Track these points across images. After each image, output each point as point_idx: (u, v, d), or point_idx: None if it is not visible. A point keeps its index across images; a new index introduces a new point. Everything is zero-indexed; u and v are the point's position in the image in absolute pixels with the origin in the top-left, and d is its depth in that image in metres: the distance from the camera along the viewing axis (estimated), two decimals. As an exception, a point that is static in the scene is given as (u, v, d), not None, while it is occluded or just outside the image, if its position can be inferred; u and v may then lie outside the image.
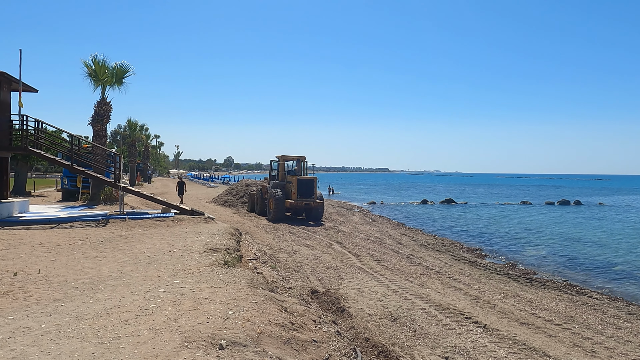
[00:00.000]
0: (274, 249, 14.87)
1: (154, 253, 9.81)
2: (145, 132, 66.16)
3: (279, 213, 23.43)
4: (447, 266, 14.53)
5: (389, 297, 9.79)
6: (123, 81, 23.53)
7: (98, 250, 10.20)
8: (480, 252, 18.97)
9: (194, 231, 13.04)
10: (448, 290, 10.97)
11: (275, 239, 17.26)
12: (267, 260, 12.60)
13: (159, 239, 11.76)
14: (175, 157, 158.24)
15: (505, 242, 22.60)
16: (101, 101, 22.77)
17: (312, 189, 23.89)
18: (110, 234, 12.49)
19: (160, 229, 13.47)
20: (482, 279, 12.92)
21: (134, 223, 14.07)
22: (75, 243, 10.99)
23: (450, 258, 16.55)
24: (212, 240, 11.70)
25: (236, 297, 6.05)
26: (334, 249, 16.11)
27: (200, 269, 8.06)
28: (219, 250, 10.53)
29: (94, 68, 22.29)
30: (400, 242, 19.55)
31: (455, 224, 30.08)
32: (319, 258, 13.91)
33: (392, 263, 14.07)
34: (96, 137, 22.60)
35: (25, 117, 15.23)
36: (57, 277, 7.53)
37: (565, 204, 49.13)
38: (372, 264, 13.78)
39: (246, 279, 7.44)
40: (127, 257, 9.41)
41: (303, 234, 19.35)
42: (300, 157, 25.68)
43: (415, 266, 13.88)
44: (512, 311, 9.35)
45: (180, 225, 14.11)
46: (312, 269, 12.27)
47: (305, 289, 9.96)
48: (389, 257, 15.09)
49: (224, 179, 78.71)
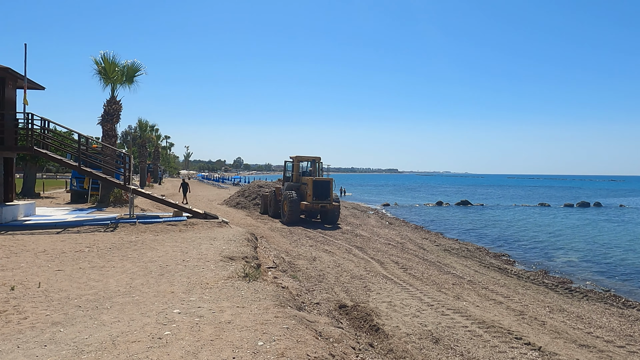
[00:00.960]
0: (292, 255, 13.98)
1: (166, 262, 8.96)
2: (156, 133, 65.73)
3: (293, 216, 22.56)
4: (478, 274, 13.54)
5: (425, 312, 8.84)
6: (134, 80, 22.83)
7: (106, 258, 9.37)
8: (507, 258, 17.94)
9: (208, 237, 12.18)
10: (487, 303, 9.99)
11: (292, 244, 16.37)
12: (286, 268, 11.71)
13: (171, 245, 10.91)
14: (185, 158, 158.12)
15: (530, 246, 21.53)
16: (111, 100, 22.06)
17: (328, 190, 22.97)
18: (119, 239, 11.67)
19: (172, 234, 12.63)
20: (519, 290, 11.92)
21: (144, 227, 13.25)
22: (82, 250, 10.18)
23: (479, 265, 15.55)
24: (229, 247, 10.83)
25: (264, 322, 5.16)
26: (355, 255, 15.18)
27: (219, 282, 7.17)
28: (237, 259, 9.65)
29: (104, 65, 21.60)
30: (422, 247, 18.57)
31: (474, 227, 29.00)
32: (341, 265, 12.98)
33: (419, 271, 13.11)
34: (106, 137, 21.88)
35: (31, 116, 14.48)
36: (59, 293, 6.69)
37: (585, 205, 47.72)
38: (398, 272, 12.83)
39: (271, 295, 6.55)
40: (137, 267, 8.56)
41: (320, 238, 18.44)
42: (316, 157, 24.78)
43: (444, 275, 12.90)
44: (564, 330, 8.36)
45: (193, 230, 13.26)
46: (336, 278, 11.35)
47: (331, 302, 9.05)
48: (415, 265, 14.13)
49: (234, 180, 78.06)
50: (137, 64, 22.60)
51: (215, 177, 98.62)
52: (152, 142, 64.31)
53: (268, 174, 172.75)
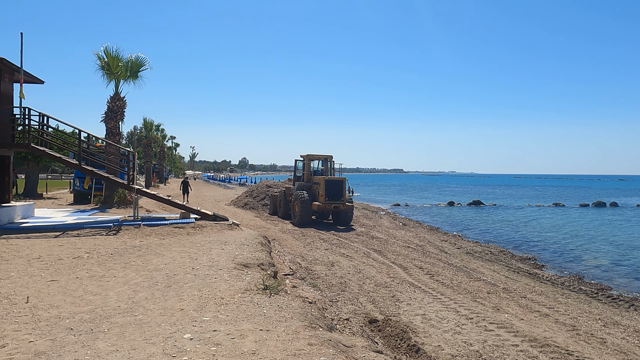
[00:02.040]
0: (309, 260, 12.97)
1: (173, 270, 7.98)
2: (162, 133, 64.95)
3: (305, 217, 21.54)
4: (510, 281, 12.48)
5: (465, 327, 7.80)
6: (138, 75, 21.89)
7: (106, 266, 8.39)
8: (535, 262, 16.85)
9: (218, 240, 11.20)
10: (531, 315, 8.94)
11: (307, 247, 15.37)
12: (304, 275, 10.70)
13: (178, 250, 9.93)
14: (190, 158, 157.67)
15: (554, 248, 20.42)
16: (114, 96, 21.14)
17: (341, 190, 21.95)
18: (122, 244, 10.70)
19: (179, 238, 11.65)
20: (560, 298, 10.85)
21: (149, 230, 12.28)
22: (80, 257, 9.21)
23: (507, 270, 14.49)
24: (242, 252, 9.85)
25: (296, 352, 4.16)
26: (375, 259, 14.16)
27: (235, 296, 6.18)
28: (252, 266, 8.66)
29: (107, 60, 20.68)
30: (443, 249, 17.51)
31: (491, 228, 27.90)
32: (362, 271, 11.96)
33: (447, 277, 12.07)
34: (109, 135, 20.96)
35: (28, 111, 13.53)
36: (49, 310, 5.72)
37: (601, 205, 46.41)
38: (424, 278, 11.80)
39: (298, 313, 5.55)
40: (140, 276, 7.58)
41: (335, 240, 17.42)
42: (327, 156, 23.76)
43: (475, 281, 11.85)
44: (630, 349, 7.30)
45: (202, 233, 12.28)
46: (359, 286, 10.33)
47: (359, 315, 8.04)
48: (441, 270, 13.09)
49: (240, 180, 77.18)
50: (142, 59, 21.67)
51: (221, 178, 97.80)
52: (158, 142, 63.53)
53: (273, 174, 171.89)
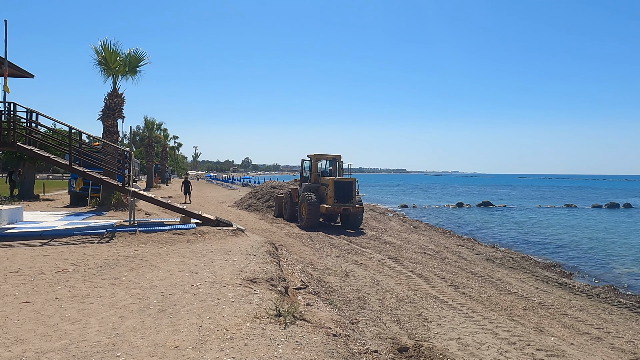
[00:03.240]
0: (320, 270, 11.84)
1: (170, 288, 6.87)
2: (164, 133, 63.95)
3: (312, 220, 20.44)
4: (542, 293, 11.33)
5: (510, 355, 6.67)
6: (137, 70, 20.83)
7: (92, 282, 7.29)
8: (561, 270, 15.71)
9: (222, 249, 10.08)
10: (581, 339, 7.79)
11: (316, 254, 14.25)
12: (317, 288, 9.58)
13: (176, 262, 8.82)
14: (193, 158, 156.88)
15: (577, 254, 19.25)
16: (112, 93, 20.07)
17: (351, 192, 20.82)
18: (114, 253, 9.59)
19: (178, 246, 10.54)
20: (602, 315, 9.71)
21: (145, 237, 11.17)
22: (65, 270, 8.11)
23: (534, 279, 13.35)
24: (248, 263, 8.73)
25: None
26: (391, 267, 13.03)
27: (243, 327, 5.06)
28: (260, 282, 7.55)
29: (104, 55, 19.61)
30: (461, 256, 16.36)
31: (506, 230, 26.74)
32: (380, 283, 10.82)
33: (473, 289, 10.93)
34: (107, 134, 19.89)
35: (13, 106, 12.45)
36: (11, 347, 4.61)
37: (614, 207, 45.12)
38: (448, 290, 10.66)
39: (321, 351, 4.43)
40: (130, 296, 6.48)
41: (346, 246, 16.30)
42: (336, 156, 22.63)
43: (505, 294, 10.70)
44: None
45: (203, 241, 11.16)
46: (380, 301, 9.20)
47: (385, 341, 6.91)
48: (465, 280, 11.94)
49: (243, 180, 76.15)
50: (141, 53, 20.59)
51: (223, 178, 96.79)
52: (160, 141, 62.55)
53: (276, 174, 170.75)
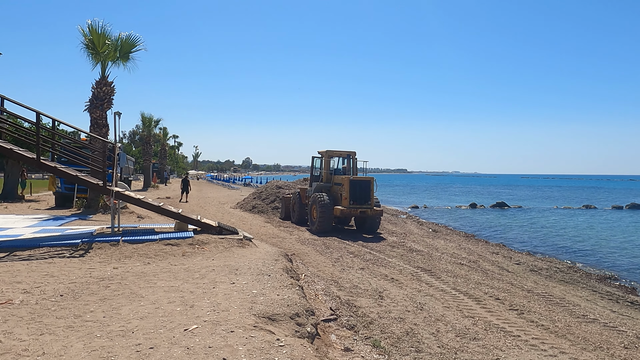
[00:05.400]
0: (347, 289, 9.61)
1: (152, 336, 4.66)
2: (164, 131, 61.70)
3: (325, 224, 18.23)
4: (625, 319, 9.11)
5: None
6: (130, 57, 18.63)
7: (41, 323, 5.08)
8: (618, 282, 13.56)
9: (226, 266, 7.86)
10: None
11: (337, 266, 12.04)
12: (351, 319, 7.35)
13: (166, 287, 6.59)
14: (194, 158, 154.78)
15: (623, 262, 17.12)
16: (100, 81, 17.86)
17: (369, 192, 18.61)
18: (85, 273, 7.35)
19: (171, 262, 8.32)
20: None
21: (130, 249, 8.94)
22: (10, 301, 5.88)
23: (599, 297, 11.17)
24: (262, 289, 6.51)
25: None
26: (429, 283, 10.81)
27: None
28: (282, 320, 5.35)
29: (92, 38, 17.41)
30: (502, 266, 14.16)
31: (533, 234, 24.57)
32: (425, 307, 8.59)
33: (542, 315, 8.70)
34: (94, 127, 17.67)
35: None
36: None
37: (636, 207, 42.88)
38: (512, 317, 8.44)
39: None
40: (89, 353, 4.26)
41: (368, 255, 14.09)
42: (350, 152, 20.43)
43: (585, 323, 8.47)
44: None
45: (203, 254, 8.93)
46: (435, 337, 6.97)
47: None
48: (523, 301, 9.72)
49: (245, 180, 73.89)
50: (134, 38, 18.41)
51: (224, 178, 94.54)
52: (159, 139, 60.29)
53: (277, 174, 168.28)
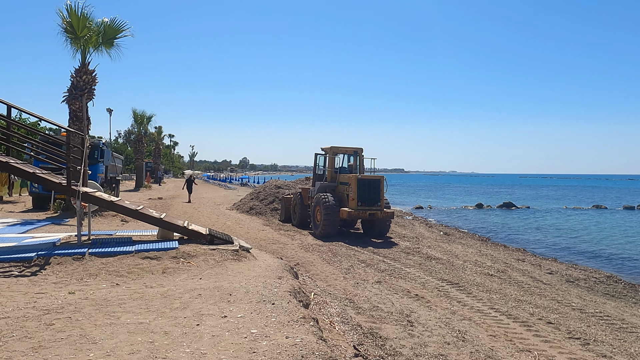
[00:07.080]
0: (365, 310, 7.85)
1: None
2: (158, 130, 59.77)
3: (330, 227, 16.47)
4: None
5: None
6: (114, 43, 16.83)
7: None
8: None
9: (216, 289, 6.06)
10: None
11: (348, 279, 10.29)
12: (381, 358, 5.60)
13: (132, 325, 4.78)
14: (190, 158, 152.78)
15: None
16: (80, 69, 16.05)
17: (378, 193, 16.89)
18: (26, 304, 5.45)
19: (145, 282, 6.53)
20: None
21: (97, 265, 7.14)
22: None
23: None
24: (264, 326, 4.73)
25: None
26: (461, 301, 9.08)
27: None
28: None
29: (70, 20, 15.61)
30: (534, 277, 12.44)
31: (550, 236, 22.97)
32: (467, 337, 6.85)
33: (613, 347, 6.97)
34: (73, 120, 15.87)
35: None
36: None
37: (648, 208, 41.36)
38: (578, 350, 6.70)
39: None
40: None
41: (381, 264, 12.36)
42: (357, 148, 18.68)
43: (668, 356, 6.77)
44: None
45: (188, 271, 7.13)
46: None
47: None
48: (581, 325, 7.99)
49: (242, 180, 72.05)
50: (120, 22, 16.62)
51: (221, 177, 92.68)
52: (154, 138, 58.39)
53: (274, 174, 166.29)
